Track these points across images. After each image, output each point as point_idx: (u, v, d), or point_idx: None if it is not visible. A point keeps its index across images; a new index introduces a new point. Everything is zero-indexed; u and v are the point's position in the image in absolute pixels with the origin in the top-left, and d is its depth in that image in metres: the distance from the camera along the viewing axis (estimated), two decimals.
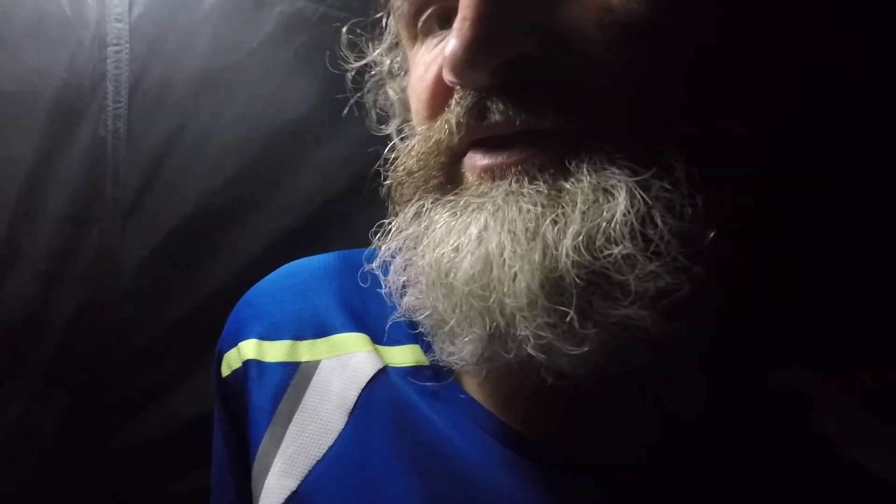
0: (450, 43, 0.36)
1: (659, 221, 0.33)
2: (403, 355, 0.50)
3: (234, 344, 0.54)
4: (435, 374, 0.49)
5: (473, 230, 0.36)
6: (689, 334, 0.35)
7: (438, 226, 0.39)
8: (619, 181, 0.34)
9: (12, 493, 0.86)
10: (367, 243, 0.58)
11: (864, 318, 0.43)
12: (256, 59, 0.92)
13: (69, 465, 0.88)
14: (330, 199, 0.92)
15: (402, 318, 0.51)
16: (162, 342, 0.90)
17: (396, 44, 0.55)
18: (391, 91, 0.58)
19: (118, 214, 0.89)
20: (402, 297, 0.44)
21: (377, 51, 0.58)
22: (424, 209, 0.41)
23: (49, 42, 0.88)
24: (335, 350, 0.51)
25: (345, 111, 0.62)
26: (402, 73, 0.56)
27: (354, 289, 0.54)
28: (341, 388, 0.49)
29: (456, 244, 0.37)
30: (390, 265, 0.45)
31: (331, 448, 0.48)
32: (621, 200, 0.33)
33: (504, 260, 0.35)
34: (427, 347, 0.49)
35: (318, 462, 0.48)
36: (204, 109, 0.91)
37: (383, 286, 0.47)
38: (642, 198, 0.33)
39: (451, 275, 0.37)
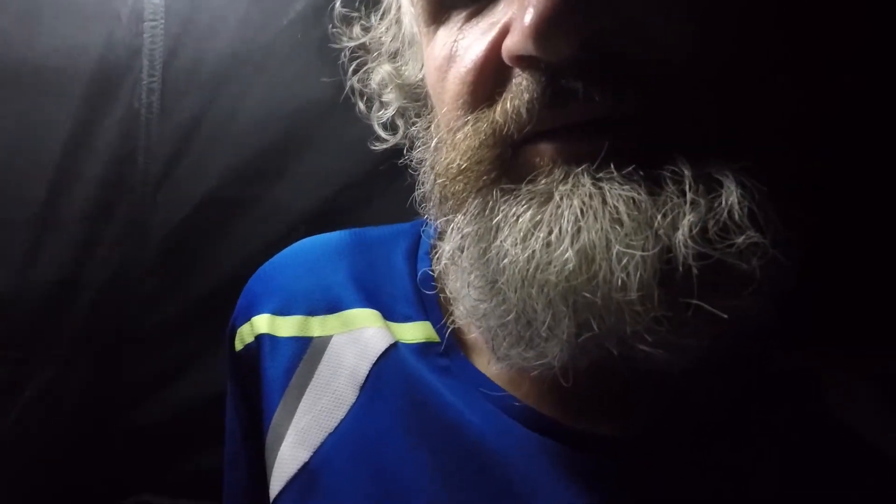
0: (528, 10, 0.32)
1: (770, 208, 0.32)
2: (414, 331, 0.50)
3: (248, 318, 0.55)
4: (445, 350, 0.49)
5: (568, 220, 0.33)
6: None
7: (520, 219, 0.35)
8: (721, 169, 0.32)
9: (40, 455, 0.88)
10: (389, 222, 0.59)
11: (875, 300, 0.42)
12: (286, 37, 0.92)
13: (92, 433, 0.90)
14: (354, 178, 0.91)
15: (413, 295, 0.52)
16: (184, 317, 0.91)
17: (397, 20, 0.53)
18: (386, 75, 0.55)
19: (149, 186, 0.90)
20: (467, 299, 0.40)
21: (375, 30, 0.55)
22: (491, 203, 0.37)
23: (88, 16, 0.90)
24: (347, 325, 0.52)
25: (342, 96, 0.59)
26: (403, 53, 0.53)
27: (366, 265, 0.54)
28: (353, 363, 0.50)
29: (547, 238, 0.33)
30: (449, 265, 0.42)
31: (342, 421, 0.49)
32: (733, 188, 0.31)
33: (611, 251, 0.32)
34: (438, 323, 0.50)
35: (330, 434, 0.48)
36: (234, 86, 0.91)
37: (448, 291, 0.44)
38: (753, 185, 0.31)
39: (544, 271, 0.33)
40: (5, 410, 0.87)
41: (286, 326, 0.53)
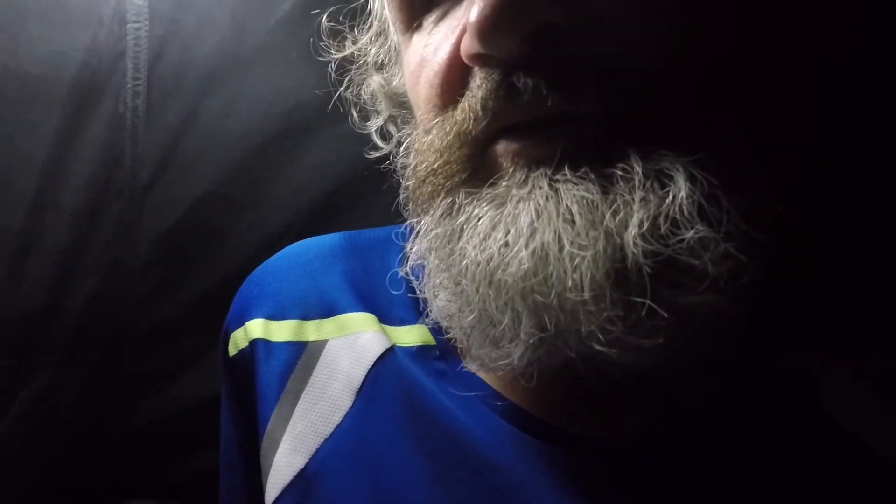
0: (473, 9, 0.33)
1: (724, 200, 0.31)
2: (411, 335, 0.50)
3: (241, 323, 0.54)
4: (442, 354, 0.49)
5: (524, 221, 0.33)
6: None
7: (481, 220, 0.35)
8: (672, 163, 0.32)
9: (36, 460, 0.88)
10: (384, 223, 0.58)
11: (872, 301, 0.42)
12: (274, 38, 0.91)
13: (88, 437, 0.89)
14: (347, 179, 0.91)
15: (409, 298, 0.51)
16: (178, 320, 0.91)
17: (382, 31, 0.54)
18: (376, 85, 0.55)
19: (137, 191, 0.90)
20: (435, 300, 0.41)
21: (361, 40, 0.55)
22: (457, 205, 0.38)
23: (71, 20, 0.89)
24: (342, 330, 0.51)
25: (329, 106, 0.60)
26: (391, 63, 0.54)
27: (361, 269, 0.54)
28: (349, 368, 0.49)
29: (504, 239, 0.34)
30: (421, 268, 0.42)
31: (338, 426, 0.48)
32: (682, 182, 0.31)
33: (563, 252, 0.32)
34: (434, 327, 0.49)
35: (326, 440, 0.48)
36: (222, 87, 0.91)
37: (417, 291, 0.45)
38: (703, 178, 0.31)
39: (502, 271, 0.34)
40: (0, 417, 0.86)
41: (280, 331, 0.52)
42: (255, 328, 0.53)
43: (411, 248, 0.43)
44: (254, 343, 0.53)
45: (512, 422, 0.44)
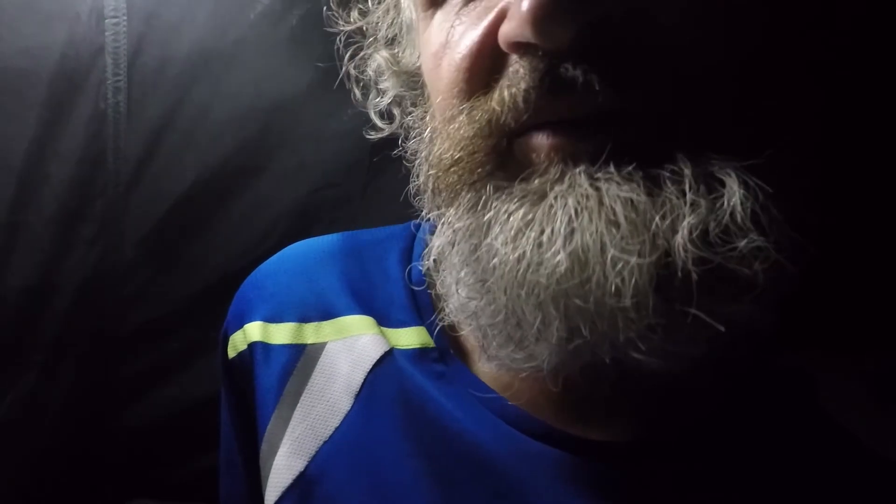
0: None
1: (774, 208, 0.30)
2: (409, 337, 0.49)
3: (240, 326, 0.54)
4: (441, 356, 0.48)
5: (562, 221, 0.31)
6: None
7: (511, 217, 0.33)
8: (723, 167, 0.31)
9: (25, 463, 0.87)
10: (367, 218, 0.57)
11: (869, 302, 0.42)
12: (255, 32, 0.90)
13: (78, 437, 0.89)
14: (332, 174, 0.90)
15: (408, 300, 0.51)
16: (163, 319, 0.90)
17: (394, 5, 0.52)
18: (383, 62, 0.53)
19: (120, 188, 0.89)
20: (456, 297, 0.39)
21: (373, 14, 0.53)
22: (484, 198, 0.36)
23: (47, 15, 0.87)
24: (341, 332, 0.51)
25: (336, 82, 0.57)
26: (402, 40, 0.52)
27: (359, 270, 0.54)
28: (348, 371, 0.49)
29: (539, 238, 0.32)
30: (440, 262, 0.41)
31: (337, 429, 0.48)
32: (736, 188, 0.30)
33: (606, 255, 0.30)
34: (432, 329, 0.49)
35: (326, 443, 0.48)
36: (203, 83, 0.90)
37: (438, 286, 0.43)
38: (756, 184, 0.30)
39: (535, 272, 0.32)
40: None
41: (279, 334, 0.52)
42: (254, 331, 0.53)
43: (431, 242, 0.41)
44: (252, 346, 0.52)
45: (512, 423, 0.44)
